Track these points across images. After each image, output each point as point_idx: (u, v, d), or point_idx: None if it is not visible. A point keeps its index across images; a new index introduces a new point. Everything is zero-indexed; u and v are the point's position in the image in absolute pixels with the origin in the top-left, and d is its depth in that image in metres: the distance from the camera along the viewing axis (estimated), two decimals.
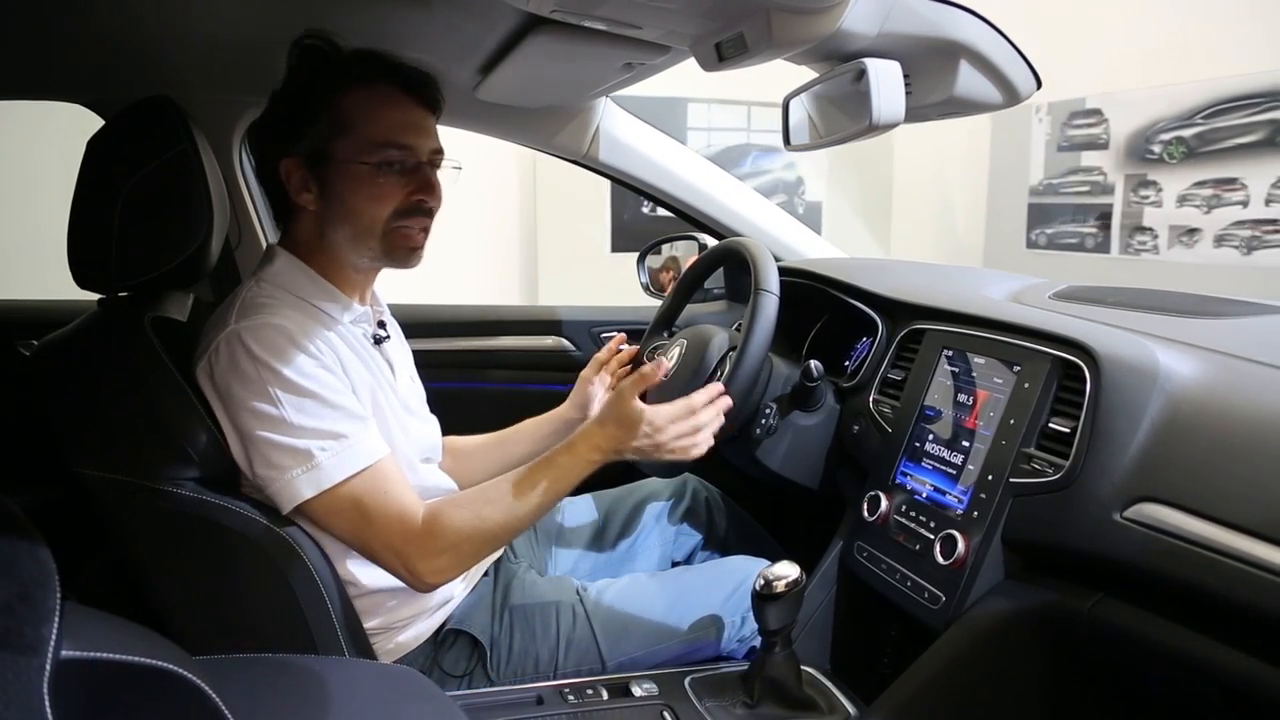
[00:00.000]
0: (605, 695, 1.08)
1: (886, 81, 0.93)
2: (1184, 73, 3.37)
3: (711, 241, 1.73)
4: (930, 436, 1.12)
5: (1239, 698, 0.80)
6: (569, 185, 3.79)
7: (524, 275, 4.04)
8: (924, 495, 1.10)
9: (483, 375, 1.84)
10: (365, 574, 1.06)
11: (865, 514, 1.16)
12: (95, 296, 1.06)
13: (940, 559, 1.01)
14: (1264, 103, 3.15)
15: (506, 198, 3.94)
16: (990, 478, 1.01)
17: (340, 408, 0.99)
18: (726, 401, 1.12)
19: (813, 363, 1.27)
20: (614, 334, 1.46)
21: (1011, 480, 0.98)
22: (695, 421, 1.08)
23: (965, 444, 1.06)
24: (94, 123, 1.33)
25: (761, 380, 1.29)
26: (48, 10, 1.11)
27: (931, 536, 1.04)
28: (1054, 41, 2.83)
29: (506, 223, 3.98)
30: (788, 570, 1.02)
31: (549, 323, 1.88)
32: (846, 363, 1.44)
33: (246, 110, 1.57)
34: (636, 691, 1.09)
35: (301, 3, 1.11)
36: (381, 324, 1.17)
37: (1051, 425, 0.97)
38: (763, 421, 1.29)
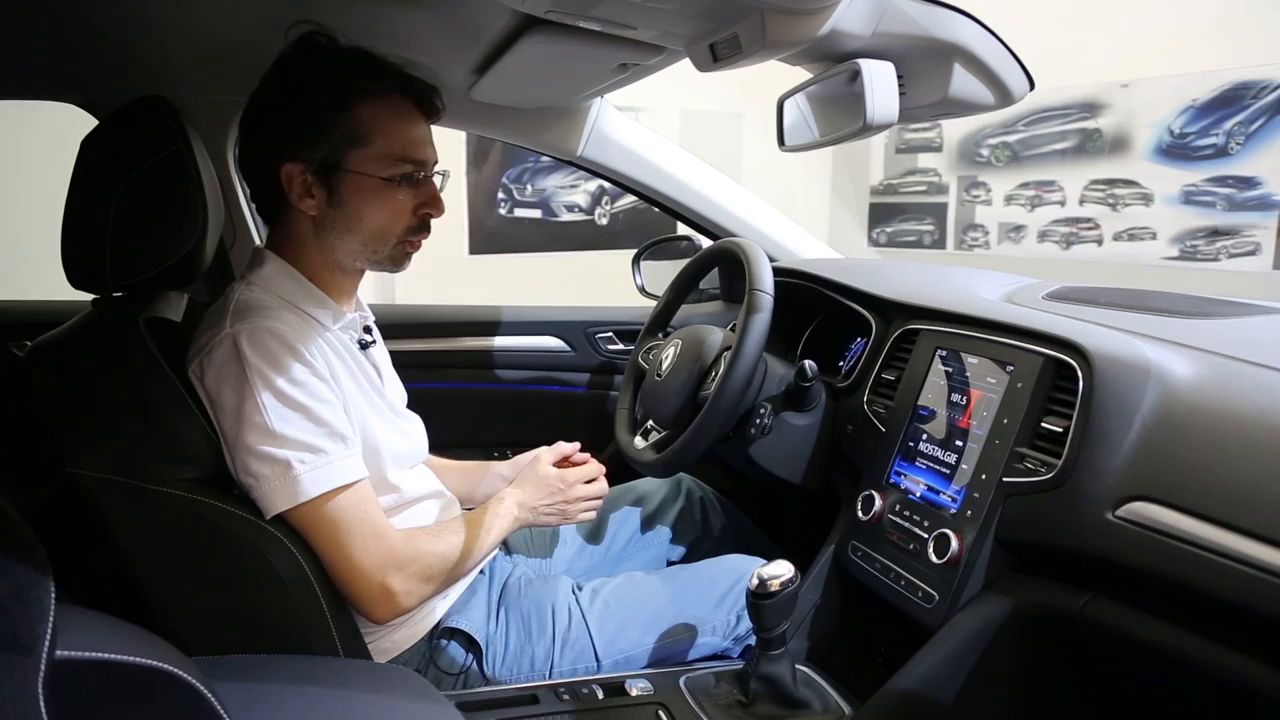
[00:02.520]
0: (601, 694, 1.09)
1: (881, 82, 0.94)
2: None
3: (706, 242, 1.74)
4: (924, 436, 1.13)
5: (1231, 695, 0.81)
6: None
7: (379, 276, 3.93)
8: (918, 495, 1.10)
9: (480, 376, 1.84)
10: None
11: (859, 513, 1.16)
12: (89, 297, 1.06)
13: (934, 558, 1.02)
14: (1075, 114, 3.49)
15: None
16: (984, 477, 1.01)
17: (325, 423, 0.99)
18: (602, 483, 1.27)
19: (807, 363, 1.27)
20: None
21: (1005, 480, 0.99)
22: (594, 489, 1.24)
23: (959, 443, 1.07)
24: (86, 122, 1.33)
25: (756, 380, 1.29)
26: (41, 10, 1.11)
27: (925, 536, 1.05)
28: None
29: None
30: (782, 569, 1.02)
31: (544, 323, 1.88)
32: (841, 363, 1.44)
33: (241, 110, 1.56)
34: (632, 690, 1.09)
35: (296, 1, 1.11)
36: (368, 329, 1.17)
37: (1044, 425, 0.98)
38: (757, 421, 1.29)
